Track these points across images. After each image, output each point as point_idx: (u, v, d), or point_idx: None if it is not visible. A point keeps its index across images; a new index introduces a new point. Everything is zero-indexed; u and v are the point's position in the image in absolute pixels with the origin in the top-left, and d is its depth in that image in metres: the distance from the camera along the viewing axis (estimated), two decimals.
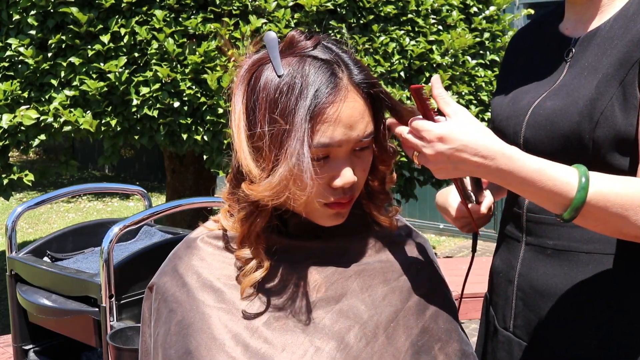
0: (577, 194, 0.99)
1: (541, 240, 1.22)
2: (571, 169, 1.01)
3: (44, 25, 3.49)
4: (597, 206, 0.99)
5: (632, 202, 1.00)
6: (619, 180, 1.02)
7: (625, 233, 1.03)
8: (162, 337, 1.05)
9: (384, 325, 1.06)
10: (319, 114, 0.96)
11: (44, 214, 8.63)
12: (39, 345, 2.38)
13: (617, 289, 1.15)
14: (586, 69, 1.16)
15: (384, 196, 1.14)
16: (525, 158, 1.01)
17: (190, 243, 1.12)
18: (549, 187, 1.00)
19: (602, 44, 1.16)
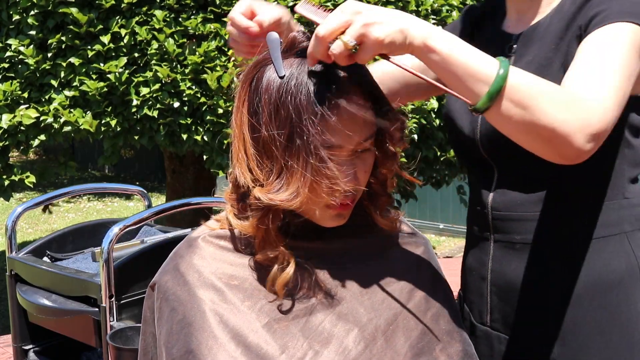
0: (500, 68, 0.95)
1: (509, 237, 1.24)
2: (490, 57, 0.99)
3: (44, 26, 3.49)
4: (516, 93, 0.96)
5: (550, 87, 0.98)
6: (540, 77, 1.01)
7: (540, 128, 0.98)
8: (164, 336, 1.05)
9: (382, 329, 1.06)
10: (320, 116, 0.96)
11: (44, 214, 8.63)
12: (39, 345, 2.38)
13: (583, 276, 1.19)
14: (531, 63, 1.18)
15: (385, 198, 1.14)
16: (444, 33, 0.98)
17: (192, 242, 1.12)
18: (468, 69, 0.96)
19: (542, 38, 1.20)
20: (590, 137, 0.97)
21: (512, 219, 1.23)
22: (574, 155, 1.00)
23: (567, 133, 0.96)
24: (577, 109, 0.97)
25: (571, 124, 0.96)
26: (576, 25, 1.14)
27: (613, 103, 1.01)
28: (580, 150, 0.98)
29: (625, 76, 1.04)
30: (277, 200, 0.97)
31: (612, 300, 1.18)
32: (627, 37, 1.06)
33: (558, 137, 0.97)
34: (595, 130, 0.97)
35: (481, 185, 1.30)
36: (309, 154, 0.96)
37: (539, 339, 1.22)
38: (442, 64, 0.97)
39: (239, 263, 1.08)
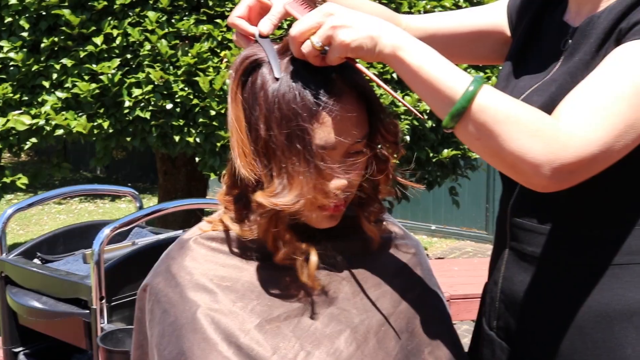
0: (469, 86, 0.93)
1: (522, 246, 1.19)
2: (465, 73, 0.96)
3: (36, 28, 3.48)
4: (485, 107, 0.93)
5: (519, 114, 0.93)
6: (515, 99, 0.97)
7: (502, 156, 0.95)
8: (156, 338, 1.05)
9: (374, 330, 1.07)
10: (315, 117, 0.96)
11: (35, 216, 8.60)
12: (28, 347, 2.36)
13: (591, 306, 1.10)
14: (577, 64, 1.10)
15: (377, 205, 1.14)
16: (417, 41, 0.96)
17: (184, 244, 1.12)
18: (434, 78, 0.94)
19: (592, 36, 1.10)
20: (557, 172, 0.93)
21: (526, 229, 1.17)
22: (539, 187, 0.96)
23: (532, 164, 0.93)
24: (546, 140, 0.92)
25: (538, 155, 0.92)
26: (619, 27, 1.03)
27: (602, 137, 0.93)
28: (547, 182, 0.95)
29: (635, 105, 0.94)
30: (280, 203, 0.97)
31: (620, 334, 1.08)
32: None
33: (522, 165, 0.94)
34: (565, 166, 0.93)
35: (507, 188, 1.25)
36: (309, 155, 0.96)
37: (536, 358, 1.17)
38: (411, 77, 0.96)
39: (231, 264, 1.08)
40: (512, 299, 1.20)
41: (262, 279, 1.07)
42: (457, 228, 7.09)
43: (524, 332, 1.19)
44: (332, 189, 1.01)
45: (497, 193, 6.67)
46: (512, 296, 1.20)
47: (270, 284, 1.07)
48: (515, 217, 1.20)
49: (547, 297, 1.14)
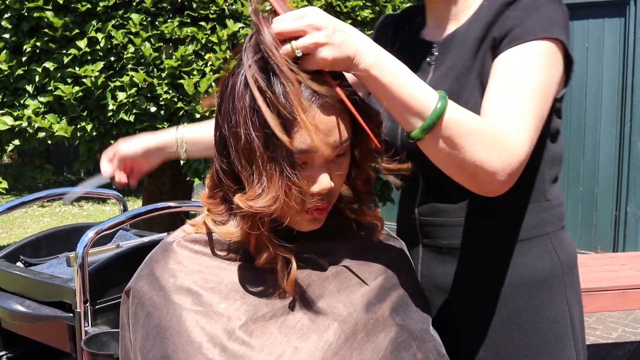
0: (435, 109, 0.99)
1: (436, 241, 1.30)
2: (430, 89, 1.02)
3: (18, 29, 3.45)
4: (447, 129, 1.00)
5: (476, 133, 1.01)
6: (471, 114, 1.04)
7: (462, 167, 1.03)
8: (140, 341, 1.05)
9: (363, 322, 1.07)
10: (295, 121, 0.96)
11: (19, 219, 8.53)
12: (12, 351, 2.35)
13: (508, 277, 1.25)
14: (449, 69, 1.23)
15: (369, 196, 1.16)
16: (390, 56, 1.02)
17: (167, 246, 1.12)
18: (406, 94, 1.00)
19: (459, 45, 1.24)
20: (510, 175, 1.04)
21: (438, 225, 1.29)
22: (492, 191, 1.07)
23: (490, 172, 1.03)
24: (500, 149, 1.03)
25: (495, 164, 1.02)
26: (491, 37, 1.18)
27: (529, 136, 1.07)
28: (500, 187, 1.06)
29: (540, 101, 1.10)
30: (256, 207, 0.97)
31: (537, 300, 1.24)
32: (539, 57, 1.12)
33: (482, 174, 1.03)
34: (514, 168, 1.04)
35: (408, 191, 1.35)
36: (284, 159, 0.96)
37: (466, 341, 1.27)
38: (382, 93, 1.01)
39: (215, 266, 1.08)
40: (435, 293, 1.30)
41: (246, 280, 1.07)
42: None
43: (451, 320, 1.28)
44: (315, 192, 1.01)
45: None
46: (434, 290, 1.30)
47: (255, 284, 1.07)
48: (425, 216, 1.30)
49: (471, 281, 1.27)
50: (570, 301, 1.28)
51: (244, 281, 1.07)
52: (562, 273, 1.27)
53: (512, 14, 1.17)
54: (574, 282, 1.31)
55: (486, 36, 1.20)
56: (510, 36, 1.15)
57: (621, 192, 5.69)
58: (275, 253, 1.04)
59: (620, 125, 5.68)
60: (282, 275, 1.05)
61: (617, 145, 5.68)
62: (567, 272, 1.28)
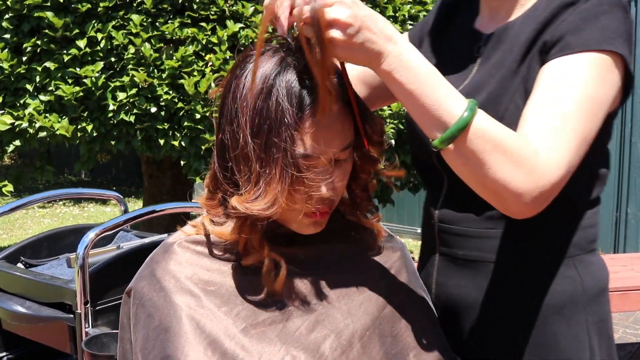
0: (460, 119, 0.93)
1: (453, 251, 1.22)
2: (461, 95, 0.97)
3: (19, 30, 3.46)
4: (474, 140, 0.94)
5: (507, 143, 0.95)
6: (502, 127, 0.98)
7: (485, 183, 0.97)
8: (140, 342, 1.05)
9: (359, 334, 1.07)
10: (300, 125, 0.96)
11: (19, 220, 8.53)
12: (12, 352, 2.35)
13: (522, 298, 1.16)
14: (495, 67, 1.15)
15: (367, 202, 1.15)
16: (420, 58, 0.95)
17: (168, 247, 1.12)
18: (432, 98, 0.94)
19: (510, 41, 1.15)
20: (538, 198, 0.96)
21: (457, 233, 1.21)
22: (519, 214, 0.99)
23: (516, 193, 0.95)
24: (528, 169, 0.95)
25: (521, 185, 0.95)
26: (542, 40, 1.09)
27: (566, 157, 0.98)
28: (527, 210, 0.98)
29: (585, 118, 1.00)
30: (254, 209, 0.97)
31: (553, 326, 1.15)
32: (590, 70, 1.02)
33: (506, 194, 0.96)
34: (544, 191, 0.96)
35: (431, 195, 1.28)
36: (287, 164, 0.96)
37: (478, 357, 1.20)
38: (402, 97, 0.96)
39: (216, 269, 1.08)
40: (448, 304, 1.23)
41: (247, 284, 1.07)
42: None
43: (462, 334, 1.21)
44: (317, 196, 1.01)
45: None
46: (448, 301, 1.23)
47: (255, 288, 1.07)
48: (444, 222, 1.22)
49: (484, 297, 1.19)
50: (592, 333, 1.16)
51: (245, 286, 1.06)
52: (585, 301, 1.16)
53: (569, 18, 1.07)
54: (600, 312, 1.18)
55: (538, 38, 1.10)
56: (562, 44, 1.05)
57: (622, 193, 5.70)
58: (263, 256, 1.04)
59: (620, 127, 5.68)
60: (268, 277, 1.04)
61: (618, 147, 5.68)
62: (591, 301, 1.17)
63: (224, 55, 3.44)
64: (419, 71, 0.94)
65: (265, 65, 0.99)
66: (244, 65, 1.02)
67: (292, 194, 0.98)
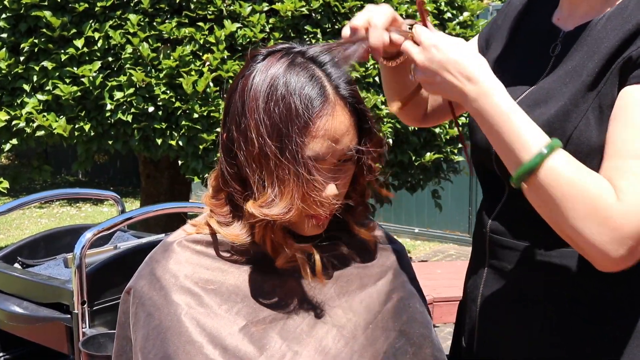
0: (529, 161, 0.93)
1: (502, 264, 1.16)
2: (543, 134, 0.95)
3: (16, 29, 3.45)
4: (543, 183, 0.93)
5: (573, 195, 0.91)
6: (582, 172, 0.93)
7: (561, 228, 0.95)
8: (140, 341, 1.05)
9: (362, 327, 1.07)
10: (310, 127, 0.97)
11: (16, 220, 8.52)
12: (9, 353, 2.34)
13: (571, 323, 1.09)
14: (569, 74, 1.06)
15: (363, 209, 1.15)
16: (502, 96, 0.97)
17: (167, 246, 1.11)
18: (510, 136, 0.96)
19: (591, 45, 1.04)
20: (625, 253, 0.90)
21: (507, 246, 1.14)
22: (605, 268, 0.93)
23: (593, 245, 0.91)
24: (600, 221, 0.90)
25: (596, 237, 0.90)
26: (629, 53, 0.98)
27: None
28: (611, 264, 0.92)
29: None
30: (271, 214, 0.97)
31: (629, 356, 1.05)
32: None
33: (585, 246, 0.92)
34: (629, 242, 0.90)
35: (487, 204, 1.21)
36: (299, 165, 0.96)
37: None
38: (487, 132, 1.00)
39: (216, 267, 1.08)
40: (491, 319, 1.19)
41: (247, 282, 1.07)
42: (440, 231, 7.11)
43: (504, 353, 1.17)
44: (325, 197, 1.01)
45: (479, 196, 6.70)
46: (491, 316, 1.19)
47: (256, 287, 1.07)
48: (496, 233, 1.17)
49: (528, 318, 1.13)
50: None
51: (246, 284, 1.06)
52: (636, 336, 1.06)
53: None
54: None
55: (623, 50, 0.98)
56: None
57: None
58: (295, 250, 1.04)
59: None
60: (306, 269, 1.04)
61: None
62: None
63: (221, 55, 3.44)
64: (501, 110, 0.96)
65: (274, 66, 0.99)
66: (251, 65, 1.02)
67: (305, 196, 0.98)
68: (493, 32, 1.30)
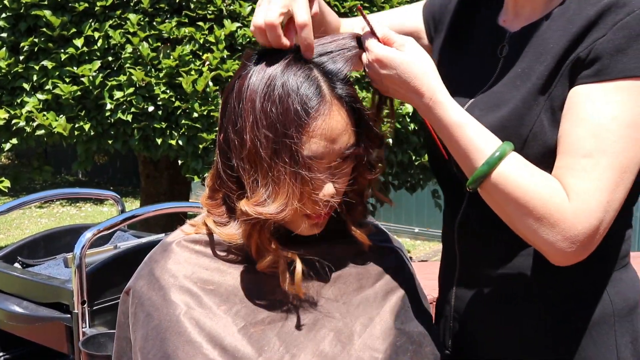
0: (480, 166, 0.97)
1: (474, 268, 1.18)
2: (495, 140, 0.98)
3: (16, 29, 3.45)
4: (496, 187, 0.96)
5: (525, 199, 0.94)
6: (533, 174, 0.96)
7: (516, 228, 0.98)
8: (140, 341, 1.05)
9: (358, 332, 1.07)
10: (306, 127, 0.96)
11: (16, 220, 8.53)
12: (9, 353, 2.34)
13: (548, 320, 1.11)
14: (520, 77, 1.06)
15: (361, 208, 1.15)
16: (453, 109, 1.00)
17: (167, 247, 1.11)
18: (463, 146, 0.99)
19: (537, 46, 1.06)
20: (578, 249, 0.93)
21: (478, 248, 1.16)
22: (563, 263, 0.97)
23: (549, 243, 0.94)
24: (553, 223, 0.93)
25: (550, 237, 0.93)
26: (577, 54, 0.99)
27: (603, 198, 0.93)
28: (567, 260, 0.95)
29: (625, 148, 0.94)
30: (265, 213, 0.97)
31: (581, 347, 1.09)
32: (630, 97, 0.95)
33: (542, 246, 0.95)
34: (583, 242, 0.93)
35: (450, 207, 1.23)
36: (297, 164, 0.96)
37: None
38: (441, 137, 1.03)
39: (215, 268, 1.08)
40: (466, 319, 1.20)
41: (246, 283, 1.07)
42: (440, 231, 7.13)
43: (481, 353, 1.18)
44: (322, 197, 1.01)
45: None
46: (466, 315, 1.20)
47: (254, 288, 1.07)
48: (464, 236, 1.19)
49: (507, 319, 1.14)
50: (622, 355, 1.10)
51: (244, 285, 1.06)
52: (614, 321, 1.09)
53: (609, 35, 0.96)
54: (631, 330, 1.11)
55: (571, 50, 1.00)
56: (598, 66, 0.96)
57: None
58: (278, 257, 1.03)
59: None
60: (285, 278, 1.04)
61: None
62: (622, 320, 1.10)
63: (221, 55, 3.44)
64: (452, 121, 1.00)
65: (271, 66, 0.99)
66: (247, 65, 1.02)
67: (303, 196, 0.98)
68: (443, 15, 1.28)
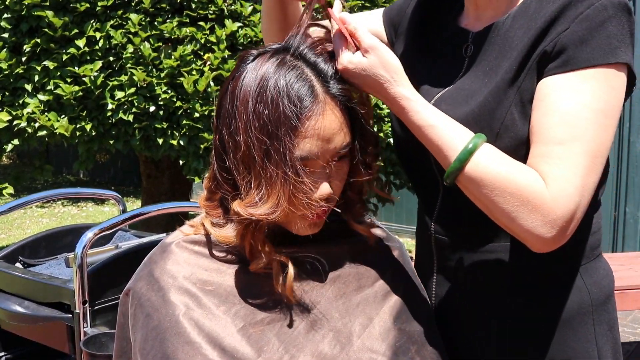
0: (453, 162, 0.98)
1: (451, 264, 1.18)
2: (467, 133, 1.00)
3: (18, 29, 3.46)
4: (472, 180, 0.97)
5: (503, 188, 0.96)
6: (509, 163, 0.98)
7: (496, 218, 0.99)
8: (139, 342, 1.05)
9: (357, 332, 1.07)
10: (299, 128, 0.96)
11: (18, 219, 8.52)
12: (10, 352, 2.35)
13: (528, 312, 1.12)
14: (487, 74, 1.08)
15: (360, 206, 1.15)
16: (423, 109, 1.01)
17: (166, 247, 1.11)
18: (436, 144, 1.00)
19: (501, 44, 1.08)
20: (557, 233, 0.95)
21: (455, 246, 1.17)
22: (543, 249, 0.98)
23: (530, 232, 0.96)
24: (532, 208, 0.95)
25: (529, 223, 0.95)
26: (542, 49, 1.02)
27: (578, 183, 0.95)
28: (546, 246, 0.97)
29: (596, 135, 0.96)
30: (257, 214, 0.97)
31: (560, 339, 1.11)
32: (598, 84, 0.98)
33: (522, 234, 0.97)
34: (562, 226, 0.95)
35: (426, 204, 1.23)
36: (287, 166, 0.96)
37: None
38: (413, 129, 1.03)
39: (214, 268, 1.08)
40: (448, 316, 1.20)
41: (245, 284, 1.07)
42: None
43: (466, 348, 1.18)
44: (318, 197, 1.01)
45: None
46: (448, 312, 1.20)
47: (253, 288, 1.07)
48: (441, 234, 1.19)
49: (487, 313, 1.15)
50: (601, 343, 1.12)
51: (243, 285, 1.06)
52: (592, 311, 1.12)
53: (572, 27, 0.99)
54: (607, 319, 1.14)
55: (536, 46, 1.02)
56: (564, 57, 0.99)
57: (620, 192, 5.70)
58: (271, 259, 1.04)
59: (619, 126, 5.68)
60: (278, 280, 1.04)
61: (616, 146, 5.68)
62: (599, 309, 1.13)
63: (222, 55, 3.44)
64: (425, 120, 1.01)
65: (263, 67, 0.99)
66: (241, 66, 1.02)
67: (291, 197, 0.98)
68: (402, 20, 1.29)
